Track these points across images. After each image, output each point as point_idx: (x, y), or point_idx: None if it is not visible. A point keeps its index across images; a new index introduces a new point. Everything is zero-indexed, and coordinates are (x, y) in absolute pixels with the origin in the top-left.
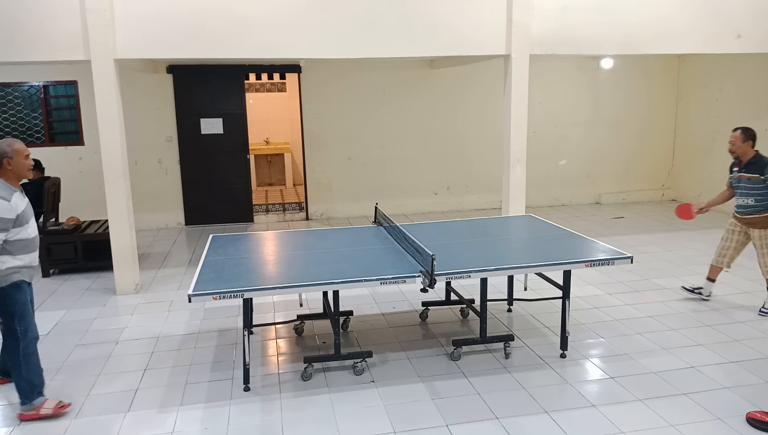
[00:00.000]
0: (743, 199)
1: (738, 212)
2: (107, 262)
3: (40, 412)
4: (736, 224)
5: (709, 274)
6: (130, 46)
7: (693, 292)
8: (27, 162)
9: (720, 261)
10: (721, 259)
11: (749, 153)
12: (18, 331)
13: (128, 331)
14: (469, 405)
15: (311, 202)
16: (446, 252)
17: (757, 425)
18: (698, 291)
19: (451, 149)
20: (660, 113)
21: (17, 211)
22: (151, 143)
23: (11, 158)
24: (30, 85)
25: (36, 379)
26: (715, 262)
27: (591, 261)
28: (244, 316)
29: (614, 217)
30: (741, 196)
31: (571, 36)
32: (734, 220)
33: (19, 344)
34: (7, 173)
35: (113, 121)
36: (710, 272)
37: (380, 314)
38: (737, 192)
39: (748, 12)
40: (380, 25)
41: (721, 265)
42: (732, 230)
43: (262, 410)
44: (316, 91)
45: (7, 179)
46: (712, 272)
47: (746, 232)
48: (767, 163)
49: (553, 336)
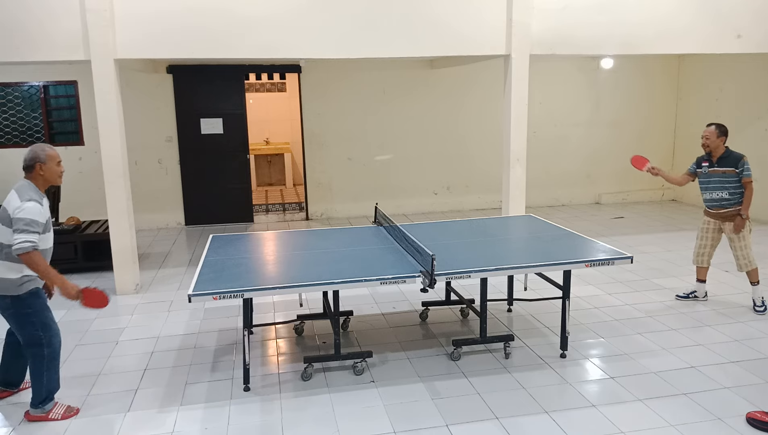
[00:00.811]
0: (717, 193)
1: (711, 207)
2: (107, 262)
3: (49, 416)
4: (709, 222)
5: (698, 275)
6: (130, 46)
7: (688, 297)
8: (59, 168)
9: (701, 260)
10: (701, 258)
11: (720, 148)
12: (42, 338)
13: (128, 331)
14: (469, 405)
15: (311, 202)
16: (446, 252)
17: (757, 425)
18: (693, 295)
19: (451, 149)
20: (660, 113)
21: (46, 216)
22: (151, 143)
23: (44, 163)
24: (30, 85)
25: (55, 386)
26: (698, 263)
27: (591, 261)
28: (244, 316)
29: (614, 217)
30: (714, 191)
31: (571, 36)
32: (707, 218)
33: (44, 351)
34: (38, 178)
35: (113, 121)
36: (698, 274)
37: (380, 314)
38: (708, 187)
39: (748, 12)
40: (380, 25)
41: (703, 265)
42: (706, 229)
43: (262, 410)
44: (316, 91)
45: (38, 184)
46: (700, 273)
47: (719, 227)
48: (739, 157)
49: (553, 336)
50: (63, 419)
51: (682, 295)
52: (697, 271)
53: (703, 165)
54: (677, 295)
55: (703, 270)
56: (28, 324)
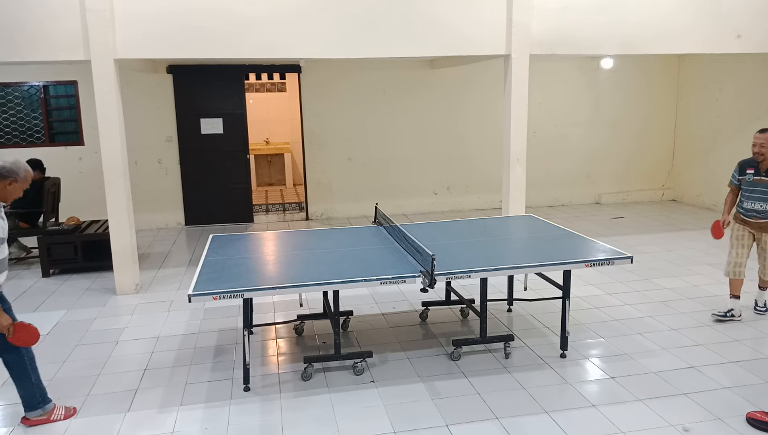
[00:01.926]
0: (760, 204)
1: (749, 216)
2: (107, 262)
3: (51, 418)
4: (743, 229)
5: (732, 290)
6: (130, 46)
7: (726, 316)
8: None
9: (738, 272)
10: (738, 269)
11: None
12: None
13: (128, 331)
14: (469, 405)
15: (311, 202)
16: (446, 252)
17: (757, 425)
18: (730, 314)
19: (451, 149)
20: (660, 113)
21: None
22: (151, 143)
23: (16, 182)
24: (30, 85)
25: (42, 386)
26: (735, 275)
27: (591, 261)
28: (244, 316)
29: (614, 217)
30: (756, 201)
31: (571, 36)
32: (741, 226)
33: (23, 354)
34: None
35: (113, 121)
36: (733, 289)
37: (380, 314)
38: (751, 196)
39: (748, 12)
40: (380, 25)
41: (741, 277)
42: (741, 236)
43: (262, 410)
44: (316, 91)
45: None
46: (735, 288)
47: (754, 235)
48: None
49: (553, 336)
50: (65, 419)
51: (719, 315)
52: (732, 286)
53: (747, 172)
54: (714, 314)
55: (739, 283)
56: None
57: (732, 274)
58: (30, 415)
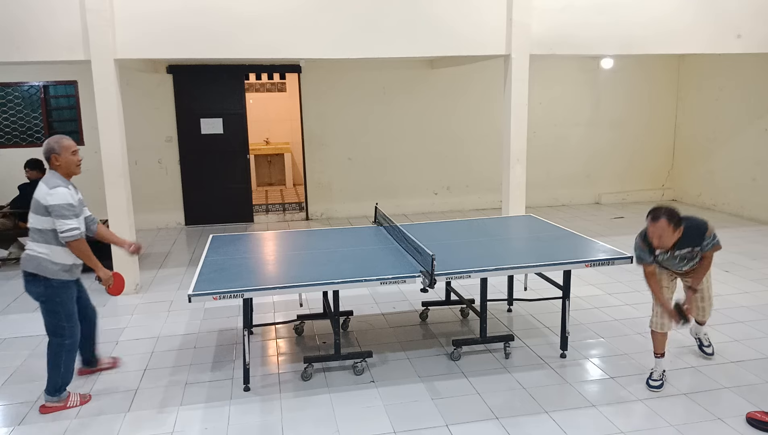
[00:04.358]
0: (684, 266)
1: (677, 271)
2: (107, 262)
3: (67, 405)
4: (662, 272)
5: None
6: (130, 46)
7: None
8: (74, 158)
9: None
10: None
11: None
12: (66, 329)
13: (128, 331)
14: (469, 405)
15: (311, 202)
16: (446, 252)
17: (757, 425)
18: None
19: (451, 149)
20: (660, 113)
21: (77, 198)
22: (151, 143)
23: (59, 154)
24: (30, 85)
25: (69, 377)
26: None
27: (591, 261)
28: (244, 316)
29: (614, 217)
30: (679, 265)
31: (571, 36)
32: (667, 277)
33: (65, 341)
34: (57, 169)
35: (113, 121)
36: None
37: (380, 314)
38: (671, 266)
39: (748, 12)
40: (380, 25)
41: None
42: (668, 287)
43: (262, 410)
44: (316, 91)
45: (60, 173)
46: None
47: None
48: (695, 226)
49: (553, 336)
50: (81, 404)
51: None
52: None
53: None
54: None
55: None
56: (55, 313)
57: (660, 327)
58: (48, 399)
